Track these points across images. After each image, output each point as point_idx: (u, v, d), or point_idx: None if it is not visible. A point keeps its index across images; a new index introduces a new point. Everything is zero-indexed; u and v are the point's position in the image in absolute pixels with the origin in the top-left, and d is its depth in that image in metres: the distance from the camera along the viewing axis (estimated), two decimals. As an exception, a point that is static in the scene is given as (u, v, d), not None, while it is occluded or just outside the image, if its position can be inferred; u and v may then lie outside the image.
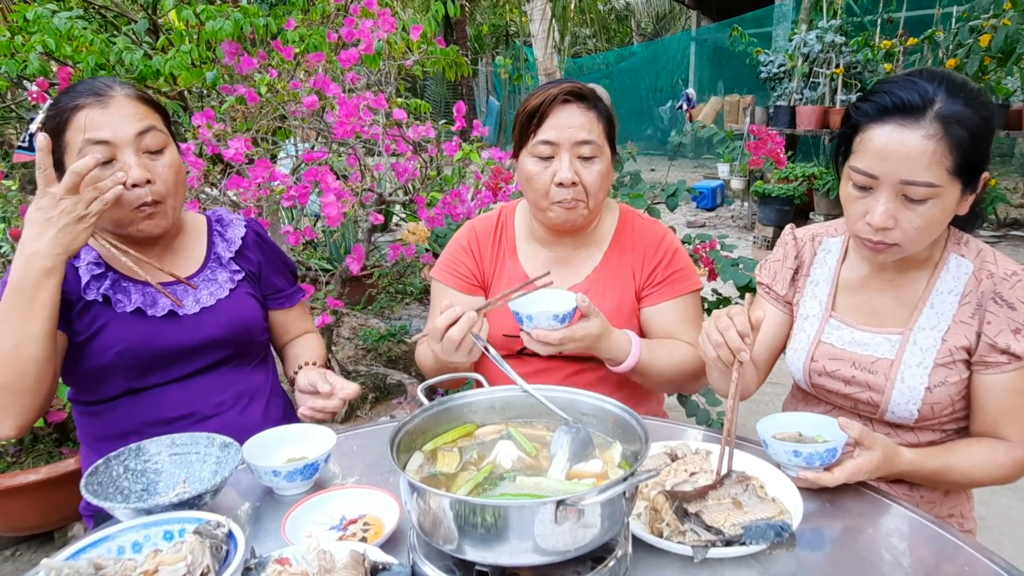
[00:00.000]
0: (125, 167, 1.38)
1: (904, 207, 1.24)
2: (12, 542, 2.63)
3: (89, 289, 1.46)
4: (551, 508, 0.79)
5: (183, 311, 1.53)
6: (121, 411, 1.49)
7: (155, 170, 1.43)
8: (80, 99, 1.39)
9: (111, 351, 1.45)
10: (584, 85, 1.60)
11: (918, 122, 1.21)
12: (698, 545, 0.99)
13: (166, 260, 1.57)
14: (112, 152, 1.39)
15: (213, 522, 0.94)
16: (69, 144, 1.38)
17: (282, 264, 1.79)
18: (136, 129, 1.41)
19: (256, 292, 1.70)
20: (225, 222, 1.72)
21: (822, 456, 1.17)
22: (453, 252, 1.80)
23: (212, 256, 1.65)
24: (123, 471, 1.13)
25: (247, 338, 1.62)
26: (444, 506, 0.82)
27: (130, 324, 1.47)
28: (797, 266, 1.58)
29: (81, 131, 1.37)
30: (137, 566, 0.88)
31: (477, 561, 0.84)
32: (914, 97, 1.22)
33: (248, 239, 1.71)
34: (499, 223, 1.80)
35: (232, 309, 1.60)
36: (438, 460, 1.02)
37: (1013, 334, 1.29)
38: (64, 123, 1.39)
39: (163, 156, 1.46)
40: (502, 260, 1.76)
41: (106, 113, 1.39)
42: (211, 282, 1.61)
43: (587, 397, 1.08)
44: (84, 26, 2.87)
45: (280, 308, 1.78)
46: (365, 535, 1.06)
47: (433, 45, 3.14)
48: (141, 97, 1.47)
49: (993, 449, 1.33)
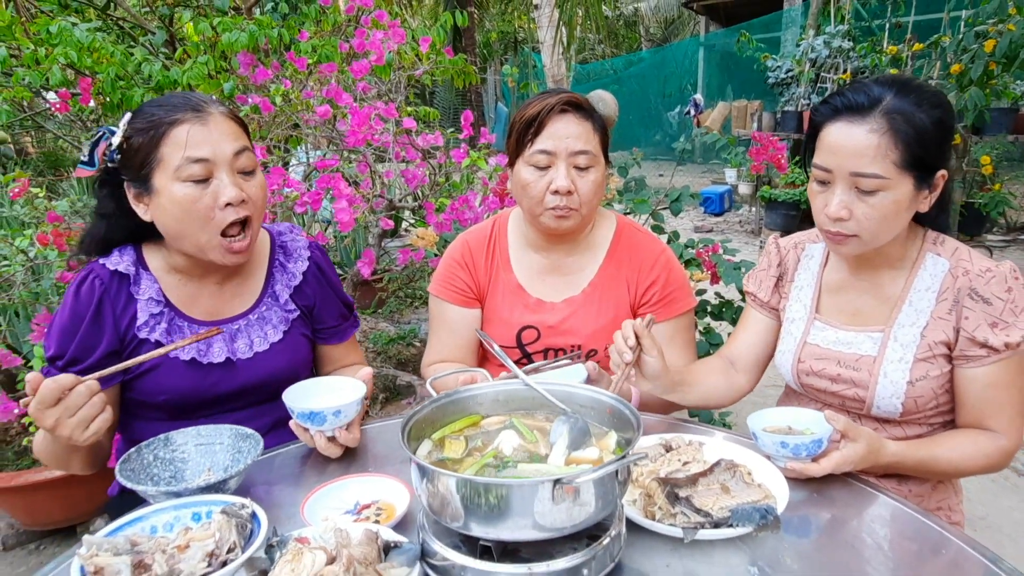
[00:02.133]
0: (221, 186, 1.38)
1: (858, 199, 1.34)
2: (36, 536, 2.73)
3: (145, 327, 1.46)
4: (549, 487, 0.86)
5: (237, 356, 1.52)
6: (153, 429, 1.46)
7: (247, 191, 1.42)
8: (179, 113, 1.37)
9: (160, 396, 1.47)
10: (581, 96, 1.65)
11: (864, 119, 1.31)
12: (688, 527, 1.06)
13: (226, 289, 1.56)
14: (210, 170, 1.37)
15: (238, 504, 1.02)
16: (164, 159, 1.36)
17: (338, 300, 1.72)
18: (233, 149, 1.40)
19: (307, 329, 1.66)
20: (289, 250, 1.66)
21: (808, 447, 1.24)
22: (448, 267, 1.82)
23: (269, 291, 1.61)
24: (153, 459, 1.22)
25: (292, 378, 1.52)
26: (451, 486, 0.90)
27: (184, 372, 1.47)
28: (780, 274, 1.67)
29: (181, 147, 1.35)
30: (170, 542, 0.96)
31: (481, 537, 0.91)
32: (862, 98, 1.32)
33: (309, 273, 1.65)
34: (492, 235, 1.83)
35: (284, 352, 1.58)
36: (445, 447, 1.09)
37: (991, 328, 1.35)
38: (160, 136, 1.36)
39: (254, 177, 1.45)
40: (495, 272, 1.80)
41: (206, 130, 1.37)
42: (264, 323, 1.58)
43: (584, 390, 1.16)
44: (103, 37, 2.98)
45: (328, 344, 1.72)
46: (378, 519, 1.14)
47: (442, 55, 3.23)
48: (234, 116, 1.45)
49: (977, 439, 1.39)
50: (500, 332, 1.73)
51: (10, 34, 3.15)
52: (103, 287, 1.45)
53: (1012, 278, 1.36)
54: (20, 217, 2.88)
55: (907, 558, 1.08)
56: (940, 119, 1.32)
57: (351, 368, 1.74)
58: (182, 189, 1.36)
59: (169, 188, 1.37)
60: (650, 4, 19.86)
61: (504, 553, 0.93)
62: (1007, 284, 1.35)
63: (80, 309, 1.44)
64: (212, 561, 0.93)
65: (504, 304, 1.77)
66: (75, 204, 2.76)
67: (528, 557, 0.92)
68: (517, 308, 1.76)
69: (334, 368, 1.76)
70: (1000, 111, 5.72)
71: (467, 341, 1.82)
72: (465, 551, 0.94)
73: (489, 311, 1.80)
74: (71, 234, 2.33)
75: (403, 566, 0.95)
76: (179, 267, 1.51)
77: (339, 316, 1.72)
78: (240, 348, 1.53)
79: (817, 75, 7.82)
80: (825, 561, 1.06)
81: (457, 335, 1.82)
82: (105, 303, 1.45)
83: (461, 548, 0.94)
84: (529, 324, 1.74)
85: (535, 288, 1.77)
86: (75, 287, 1.46)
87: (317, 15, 3.55)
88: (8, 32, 3.14)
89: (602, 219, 1.81)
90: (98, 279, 1.46)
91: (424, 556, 0.97)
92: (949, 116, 1.35)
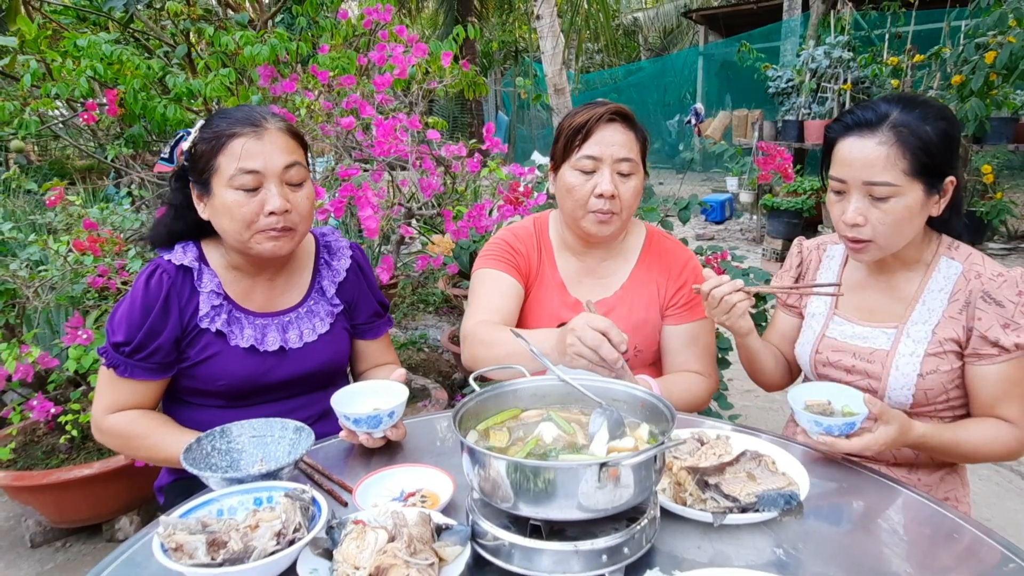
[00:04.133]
0: (268, 196, 1.49)
1: (872, 206, 1.44)
2: (63, 534, 2.79)
3: (206, 318, 1.57)
4: (595, 469, 0.94)
5: (289, 346, 1.64)
6: (207, 416, 1.60)
7: (293, 201, 1.52)
8: (238, 127, 1.48)
9: (219, 382, 1.58)
10: (626, 107, 1.74)
11: (874, 133, 1.42)
12: (717, 511, 1.13)
13: (277, 284, 1.68)
14: (259, 181, 1.48)
15: (298, 489, 1.09)
16: (221, 168, 1.48)
17: (374, 297, 1.84)
18: (284, 163, 1.50)
19: (347, 324, 1.78)
20: (333, 249, 1.79)
21: (840, 428, 1.32)
22: (499, 246, 1.87)
23: (316, 286, 1.73)
24: (211, 449, 1.29)
25: (338, 369, 1.74)
26: (502, 470, 0.97)
27: (242, 359, 1.59)
28: (799, 274, 1.78)
29: (236, 159, 1.47)
30: (239, 523, 1.03)
31: (530, 516, 0.99)
32: (870, 114, 1.44)
33: (350, 271, 1.77)
34: (536, 232, 1.92)
35: (331, 343, 1.71)
36: (490, 437, 1.17)
37: (1003, 328, 1.44)
38: (220, 147, 1.48)
39: (302, 189, 1.56)
40: (543, 266, 1.88)
41: (260, 144, 1.48)
42: (313, 315, 1.70)
43: (619, 385, 1.23)
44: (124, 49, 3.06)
45: (363, 339, 1.83)
46: (424, 505, 1.21)
47: (459, 69, 3.32)
48: (290, 131, 1.56)
49: (997, 427, 1.48)
50: (540, 326, 1.80)
51: (36, 47, 3.24)
52: (170, 281, 1.56)
53: (1023, 282, 1.46)
54: (54, 224, 2.96)
55: (921, 542, 1.15)
56: (944, 130, 1.43)
57: (385, 367, 1.83)
58: (232, 196, 1.48)
59: (222, 193, 1.49)
60: (649, 14, 20.04)
61: (551, 532, 1.00)
62: (1019, 288, 1.45)
63: (149, 301, 1.54)
64: (280, 540, 1.00)
65: (548, 299, 1.85)
66: (104, 211, 2.84)
67: (574, 536, 0.99)
68: (557, 304, 1.84)
69: (370, 365, 1.85)
70: (1001, 120, 5.81)
71: (512, 308, 1.81)
72: (515, 530, 1.01)
73: (532, 302, 1.86)
74: (104, 240, 2.41)
75: (456, 544, 1.02)
76: (235, 264, 1.62)
77: (374, 313, 1.83)
78: (291, 339, 1.64)
79: (818, 85, 7.92)
80: (845, 544, 1.13)
81: (505, 298, 1.80)
82: (172, 295, 1.56)
83: (511, 528, 1.02)
84: (566, 322, 1.82)
85: (574, 289, 1.86)
86: (144, 280, 1.56)
87: (332, 28, 3.64)
88: (34, 44, 3.23)
89: (633, 227, 1.91)
90: (165, 273, 1.57)
91: (475, 536, 1.05)
92: (953, 127, 1.45)
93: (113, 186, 5.28)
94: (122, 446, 1.59)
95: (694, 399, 1.76)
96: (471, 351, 1.67)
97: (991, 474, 3.27)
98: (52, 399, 2.47)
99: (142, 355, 1.53)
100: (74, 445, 2.72)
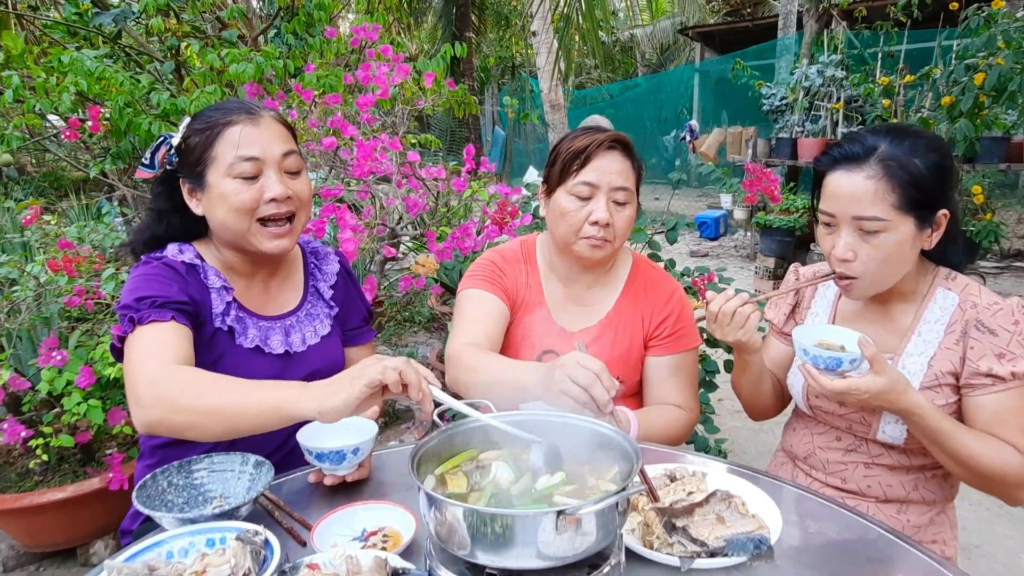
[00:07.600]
0: (268, 183, 1.46)
1: (862, 240, 1.42)
2: (36, 558, 2.74)
3: (219, 316, 1.52)
4: (552, 517, 0.90)
5: (293, 349, 1.61)
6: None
7: (293, 188, 1.50)
8: (233, 115, 1.46)
9: None
10: (626, 136, 1.72)
11: (861, 167, 1.40)
12: (684, 556, 1.10)
13: (272, 286, 1.65)
14: (259, 168, 1.46)
15: (251, 530, 1.06)
16: (218, 157, 1.45)
17: (361, 303, 1.84)
18: (282, 150, 1.49)
19: (338, 329, 1.76)
20: (320, 255, 1.78)
21: (825, 361, 1.31)
22: (485, 267, 1.84)
23: (311, 289, 1.71)
24: (167, 485, 1.25)
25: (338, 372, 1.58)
26: (459, 516, 0.94)
27: (249, 360, 1.54)
28: (795, 302, 1.75)
29: (234, 146, 1.44)
30: (187, 568, 0.99)
31: (487, 565, 0.95)
32: (857, 148, 1.41)
33: (339, 276, 1.77)
34: (523, 256, 1.88)
35: (332, 346, 1.69)
36: (448, 484, 1.13)
37: (997, 358, 1.41)
38: (216, 135, 1.45)
39: (300, 178, 1.54)
40: (529, 291, 1.84)
41: (257, 131, 1.46)
42: (313, 318, 1.68)
43: (583, 422, 1.18)
44: (110, 64, 3.05)
45: (351, 345, 1.80)
46: (385, 545, 1.17)
47: (444, 88, 3.31)
48: (283, 121, 1.55)
49: (1002, 444, 1.39)
50: (523, 352, 1.77)
51: (21, 62, 3.22)
52: (178, 270, 1.49)
53: (1019, 311, 1.42)
54: (29, 242, 2.93)
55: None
56: (936, 163, 1.39)
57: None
58: (231, 184, 1.45)
59: (220, 183, 1.45)
60: (646, 31, 20.14)
61: (509, 581, 0.97)
62: (1014, 317, 1.42)
63: (160, 271, 1.45)
64: (228, 587, 0.96)
65: (531, 323, 1.82)
66: (82, 231, 2.80)
67: (532, 585, 0.96)
68: (541, 331, 1.81)
69: None
70: (991, 140, 5.81)
71: (497, 330, 1.78)
72: (471, 579, 0.98)
73: (516, 326, 1.82)
74: (80, 260, 2.38)
75: (411, 593, 0.98)
76: (230, 263, 1.59)
77: (362, 319, 1.83)
78: (294, 342, 1.62)
79: (811, 103, 7.93)
80: (816, 590, 1.10)
81: (490, 318, 1.77)
82: (189, 282, 1.48)
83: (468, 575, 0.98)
84: (550, 349, 1.79)
85: (558, 315, 1.83)
86: (143, 265, 1.48)
87: (321, 46, 3.63)
88: (20, 60, 3.21)
89: (621, 255, 1.89)
90: (169, 266, 1.49)
91: (431, 583, 1.01)
92: (946, 159, 1.42)
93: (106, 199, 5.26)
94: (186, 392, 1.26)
95: (674, 433, 1.74)
96: (454, 375, 1.64)
97: (982, 499, 3.24)
98: (27, 421, 2.43)
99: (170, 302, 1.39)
100: (49, 467, 2.67)
